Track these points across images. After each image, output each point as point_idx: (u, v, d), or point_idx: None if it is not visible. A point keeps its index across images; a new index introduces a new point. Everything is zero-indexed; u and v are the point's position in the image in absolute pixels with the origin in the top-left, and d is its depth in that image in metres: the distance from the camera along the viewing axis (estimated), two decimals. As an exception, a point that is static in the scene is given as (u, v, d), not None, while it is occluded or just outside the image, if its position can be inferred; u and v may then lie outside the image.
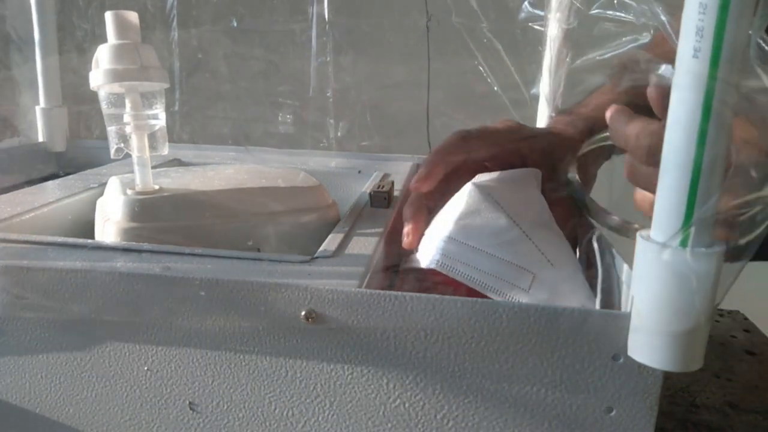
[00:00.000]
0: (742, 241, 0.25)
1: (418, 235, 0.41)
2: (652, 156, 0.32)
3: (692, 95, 0.23)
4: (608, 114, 0.36)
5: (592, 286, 0.36)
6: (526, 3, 0.58)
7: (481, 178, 0.40)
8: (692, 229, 0.24)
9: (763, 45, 0.24)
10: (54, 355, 0.33)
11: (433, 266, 0.37)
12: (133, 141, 0.43)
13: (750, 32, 0.22)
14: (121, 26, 0.41)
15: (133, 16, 0.41)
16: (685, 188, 0.24)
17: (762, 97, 0.25)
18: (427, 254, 0.38)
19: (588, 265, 0.40)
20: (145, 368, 0.33)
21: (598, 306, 0.34)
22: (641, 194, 0.36)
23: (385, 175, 0.62)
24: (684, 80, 0.23)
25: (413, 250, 0.41)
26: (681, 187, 0.24)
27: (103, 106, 0.43)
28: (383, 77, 0.92)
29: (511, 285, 0.36)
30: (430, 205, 0.43)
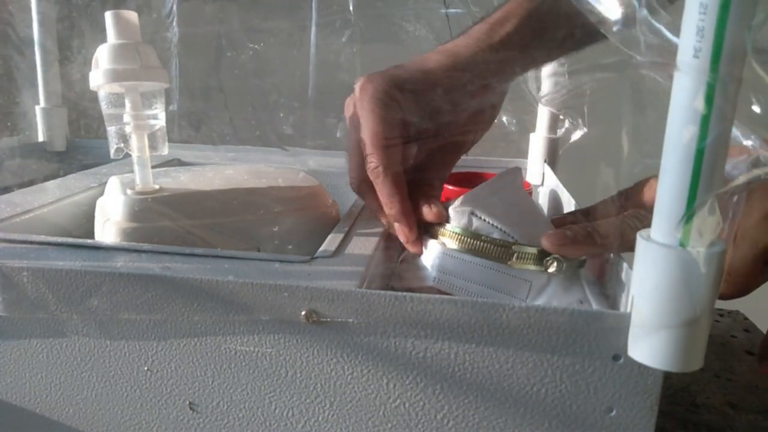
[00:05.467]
0: None
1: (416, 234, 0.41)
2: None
3: (692, 96, 0.23)
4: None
5: (595, 286, 0.36)
6: None
7: (467, 196, 0.40)
8: (692, 229, 0.24)
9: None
10: (54, 355, 0.33)
11: (430, 283, 0.38)
12: (133, 141, 0.43)
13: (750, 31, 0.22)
14: (121, 26, 0.41)
15: (133, 16, 0.41)
16: (684, 188, 0.24)
17: None
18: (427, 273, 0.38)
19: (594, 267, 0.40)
20: (145, 368, 0.33)
21: (596, 306, 0.34)
22: None
23: (385, 175, 0.62)
24: (684, 80, 0.23)
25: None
26: (681, 187, 0.24)
27: (103, 106, 0.43)
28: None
29: (509, 296, 0.36)
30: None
